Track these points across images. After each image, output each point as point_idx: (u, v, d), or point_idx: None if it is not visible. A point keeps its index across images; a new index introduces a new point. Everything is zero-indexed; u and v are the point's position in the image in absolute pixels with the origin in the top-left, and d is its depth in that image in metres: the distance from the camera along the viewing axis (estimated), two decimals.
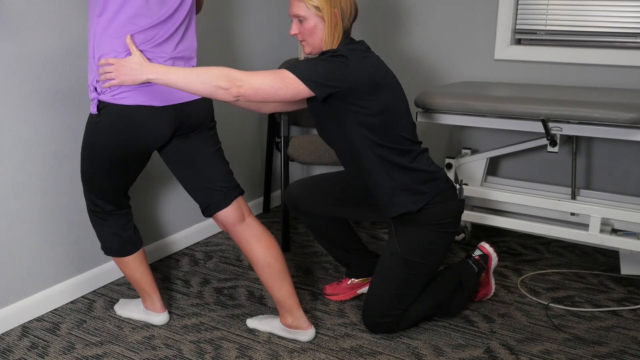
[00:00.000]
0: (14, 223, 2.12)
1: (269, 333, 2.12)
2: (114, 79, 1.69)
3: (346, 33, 1.93)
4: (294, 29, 1.93)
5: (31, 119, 2.11)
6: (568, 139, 2.66)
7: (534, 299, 2.37)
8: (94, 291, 2.44)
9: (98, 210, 1.98)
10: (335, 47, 1.91)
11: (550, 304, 2.33)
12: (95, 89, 1.76)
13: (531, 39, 2.93)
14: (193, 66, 1.90)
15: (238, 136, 3.13)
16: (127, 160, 1.86)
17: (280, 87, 1.75)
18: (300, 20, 1.90)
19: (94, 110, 1.77)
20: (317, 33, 1.90)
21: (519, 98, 2.39)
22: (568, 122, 2.32)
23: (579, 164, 2.88)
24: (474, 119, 2.51)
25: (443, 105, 2.48)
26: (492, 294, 2.34)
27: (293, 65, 1.80)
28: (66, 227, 2.31)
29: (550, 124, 2.34)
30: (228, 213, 1.99)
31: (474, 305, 2.32)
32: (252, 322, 2.16)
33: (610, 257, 2.77)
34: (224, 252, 2.84)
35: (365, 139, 1.93)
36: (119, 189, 1.95)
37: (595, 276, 2.58)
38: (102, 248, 2.06)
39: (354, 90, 1.85)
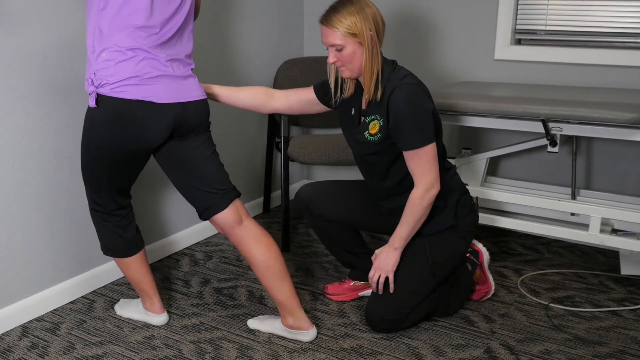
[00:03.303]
0: (14, 223, 2.12)
1: (269, 333, 2.12)
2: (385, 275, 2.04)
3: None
4: (332, 57, 1.92)
5: (31, 118, 2.11)
6: (568, 139, 2.66)
7: (534, 299, 2.37)
8: (94, 291, 2.44)
9: (99, 209, 1.98)
10: (375, 67, 1.92)
11: (550, 304, 2.33)
12: (93, 82, 1.74)
13: (531, 39, 2.93)
14: (192, 68, 1.90)
15: (238, 136, 3.13)
16: (124, 158, 1.84)
17: (434, 163, 1.95)
18: (338, 49, 1.90)
19: (92, 104, 1.75)
20: (356, 58, 1.91)
21: (519, 98, 2.39)
22: (568, 122, 2.32)
23: (579, 164, 2.88)
24: (474, 119, 2.51)
25: (443, 105, 2.47)
26: (492, 291, 2.35)
27: (410, 142, 1.90)
28: (66, 227, 2.31)
29: (550, 124, 2.34)
30: (226, 216, 1.96)
31: (474, 305, 2.32)
32: (252, 323, 2.16)
33: (610, 257, 2.77)
34: (224, 252, 2.84)
35: None
36: (118, 188, 1.94)
37: (595, 276, 2.58)
38: (102, 248, 2.05)
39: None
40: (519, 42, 2.96)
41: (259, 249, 1.97)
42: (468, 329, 2.16)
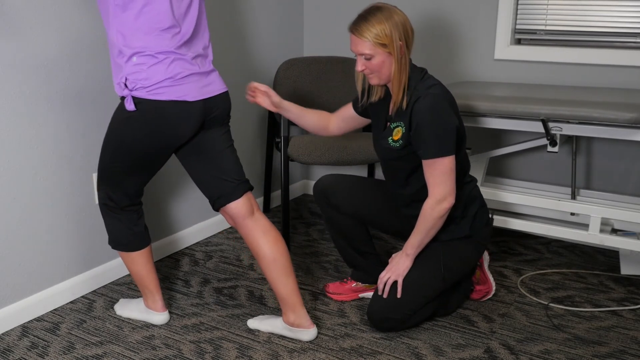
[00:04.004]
0: (14, 223, 2.12)
1: (269, 333, 2.12)
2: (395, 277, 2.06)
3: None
4: (360, 65, 1.93)
5: (32, 118, 2.11)
6: (568, 139, 2.66)
7: (534, 299, 2.37)
8: (94, 291, 2.44)
9: (112, 204, 2.01)
10: (403, 77, 1.93)
11: (550, 304, 2.33)
12: (126, 85, 1.79)
13: (531, 39, 2.93)
14: (210, 61, 1.94)
15: (238, 136, 3.13)
16: (155, 154, 1.91)
17: (450, 176, 1.94)
18: (367, 57, 1.90)
19: (131, 107, 1.80)
20: (385, 67, 1.92)
21: (519, 98, 2.39)
22: (568, 122, 2.32)
23: (579, 164, 2.88)
24: (474, 119, 2.51)
25: None
26: (493, 291, 2.35)
27: (428, 151, 1.91)
28: (66, 227, 2.31)
29: (550, 124, 2.34)
30: (239, 205, 2.01)
31: (474, 305, 2.32)
32: (253, 323, 2.16)
33: (610, 257, 2.77)
34: (224, 252, 2.84)
35: None
36: (139, 184, 2.00)
37: (595, 276, 2.58)
38: (110, 242, 2.07)
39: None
40: (519, 42, 2.96)
41: (267, 242, 2.01)
42: (468, 328, 2.16)
